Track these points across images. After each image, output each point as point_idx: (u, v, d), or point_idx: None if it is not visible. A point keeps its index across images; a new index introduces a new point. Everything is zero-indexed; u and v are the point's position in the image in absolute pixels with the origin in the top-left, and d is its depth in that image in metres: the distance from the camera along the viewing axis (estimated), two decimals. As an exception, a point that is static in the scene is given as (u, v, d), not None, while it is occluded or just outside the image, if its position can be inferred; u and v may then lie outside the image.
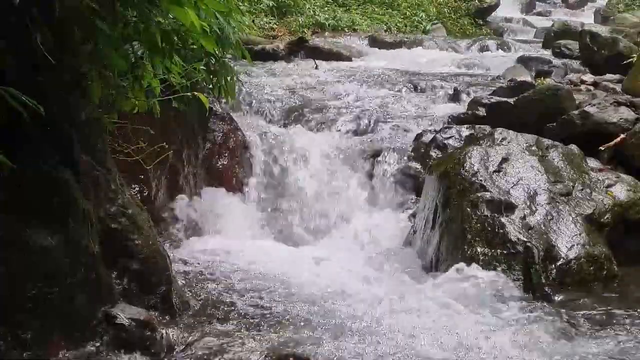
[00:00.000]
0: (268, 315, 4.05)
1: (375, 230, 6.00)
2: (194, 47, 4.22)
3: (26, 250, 3.01)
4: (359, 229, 6.08)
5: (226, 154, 6.44)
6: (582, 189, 5.21)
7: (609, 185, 5.33)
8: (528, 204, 5.01)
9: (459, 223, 4.98)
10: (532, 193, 5.08)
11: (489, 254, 4.76)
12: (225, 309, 4.11)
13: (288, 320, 4.00)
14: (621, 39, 9.40)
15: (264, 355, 3.50)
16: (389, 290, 4.56)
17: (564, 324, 4.13)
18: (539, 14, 20.23)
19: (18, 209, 3.03)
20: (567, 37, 11.36)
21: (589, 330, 4.07)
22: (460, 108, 7.60)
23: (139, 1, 3.14)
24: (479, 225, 4.91)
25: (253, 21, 12.50)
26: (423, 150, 6.61)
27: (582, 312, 4.30)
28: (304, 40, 11.84)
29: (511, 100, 7.01)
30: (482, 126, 6.61)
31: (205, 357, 3.49)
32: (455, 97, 8.17)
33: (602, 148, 6.11)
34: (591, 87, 7.83)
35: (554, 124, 6.51)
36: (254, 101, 7.87)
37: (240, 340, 3.67)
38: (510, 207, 4.98)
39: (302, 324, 3.96)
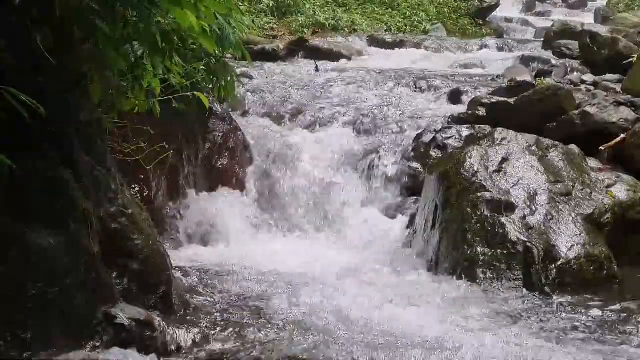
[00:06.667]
0: (269, 316, 4.04)
1: (376, 231, 6.00)
2: (194, 47, 4.23)
3: (26, 250, 3.01)
4: (359, 229, 6.08)
5: (226, 154, 6.45)
6: (582, 189, 5.21)
7: (609, 185, 5.33)
8: (528, 204, 5.01)
9: (459, 223, 4.98)
10: (532, 193, 5.08)
11: (489, 254, 4.76)
12: (226, 309, 4.10)
13: (289, 321, 3.98)
14: (621, 39, 9.38)
15: (264, 357, 3.50)
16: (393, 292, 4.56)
17: (564, 324, 4.13)
18: (539, 14, 20.19)
19: (18, 209, 3.03)
20: (567, 37, 11.34)
21: (588, 330, 4.06)
22: (460, 108, 7.60)
23: (139, 1, 3.14)
24: (479, 225, 4.91)
25: (253, 21, 12.50)
26: (423, 150, 6.61)
27: (582, 312, 4.30)
28: (304, 40, 11.87)
29: (511, 100, 7.00)
30: (482, 126, 6.61)
31: (204, 357, 3.49)
32: (455, 97, 8.15)
33: (602, 148, 6.12)
34: (591, 87, 7.82)
35: (554, 124, 6.50)
36: (254, 101, 7.87)
37: (240, 341, 3.67)
38: (510, 207, 4.98)
39: (303, 325, 3.94)
